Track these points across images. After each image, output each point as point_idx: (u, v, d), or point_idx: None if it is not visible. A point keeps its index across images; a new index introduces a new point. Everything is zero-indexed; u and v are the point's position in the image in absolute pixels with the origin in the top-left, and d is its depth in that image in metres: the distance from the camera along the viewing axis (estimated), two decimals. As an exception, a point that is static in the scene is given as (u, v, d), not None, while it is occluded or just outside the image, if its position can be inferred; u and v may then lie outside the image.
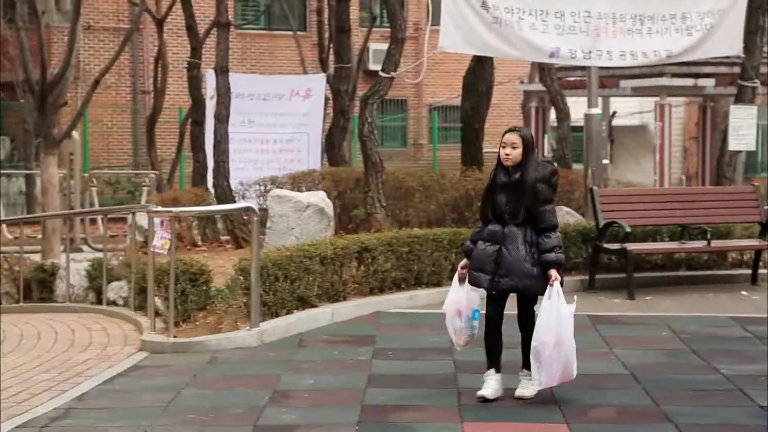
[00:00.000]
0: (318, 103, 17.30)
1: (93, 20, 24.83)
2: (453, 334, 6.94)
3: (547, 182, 6.64)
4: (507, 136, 6.70)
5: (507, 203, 6.62)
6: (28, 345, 9.06)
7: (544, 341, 6.50)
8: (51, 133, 15.98)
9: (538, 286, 6.59)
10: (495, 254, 6.63)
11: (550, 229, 6.62)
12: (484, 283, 6.69)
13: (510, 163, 6.64)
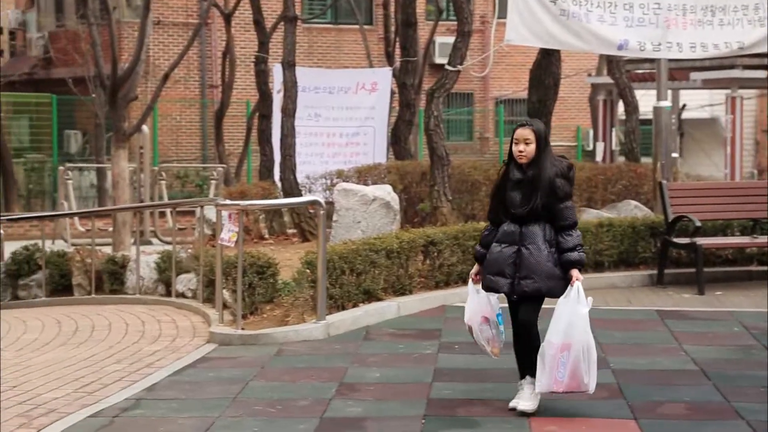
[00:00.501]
0: (384, 96, 17.31)
1: (162, 15, 25.12)
2: (486, 344, 6.54)
3: (565, 177, 6.25)
4: (519, 131, 6.28)
5: (523, 201, 6.22)
6: (100, 336, 9.21)
7: (551, 341, 6.13)
8: (121, 127, 16.22)
9: (561, 287, 6.22)
10: (514, 256, 6.23)
11: (570, 226, 6.25)
12: (504, 288, 6.28)
13: (524, 160, 6.24)
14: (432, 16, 24.17)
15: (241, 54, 22.96)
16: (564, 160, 6.36)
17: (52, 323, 9.99)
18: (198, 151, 26.38)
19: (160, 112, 25.02)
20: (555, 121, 16.06)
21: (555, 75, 14.83)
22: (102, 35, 17.80)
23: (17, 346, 8.86)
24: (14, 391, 7.01)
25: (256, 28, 15.86)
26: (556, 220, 6.22)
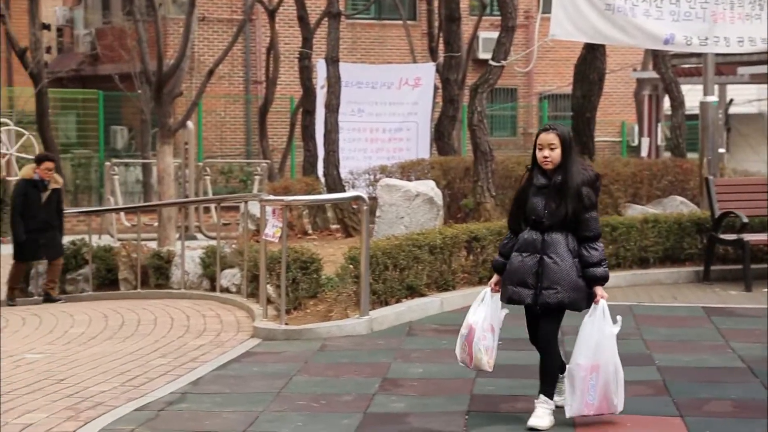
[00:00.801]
0: (427, 92, 17.29)
1: (207, 12, 25.28)
2: (483, 353, 6.17)
3: (591, 186, 5.95)
4: (543, 136, 5.98)
5: (546, 208, 5.93)
6: (145, 330, 9.29)
7: (579, 363, 5.87)
8: (167, 123, 16.35)
9: (583, 301, 5.94)
10: (536, 265, 5.93)
11: (594, 238, 5.95)
12: (526, 299, 5.95)
13: (550, 166, 5.94)
14: (476, 11, 24.11)
15: (285, 50, 23.05)
16: (591, 170, 6.09)
17: (98, 317, 10.10)
18: (242, 147, 26.52)
19: (205, 107, 25.18)
20: (599, 117, 15.95)
21: (600, 70, 14.74)
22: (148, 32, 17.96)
23: (65, 340, 8.97)
24: (62, 384, 7.10)
25: (300, 24, 15.92)
26: (579, 230, 5.93)
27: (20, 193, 12.14)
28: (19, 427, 6.01)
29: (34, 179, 12.10)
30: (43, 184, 12.11)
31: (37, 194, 12.08)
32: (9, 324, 9.89)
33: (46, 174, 12.11)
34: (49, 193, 12.13)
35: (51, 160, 12.39)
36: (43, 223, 12.02)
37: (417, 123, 17.26)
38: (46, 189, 12.12)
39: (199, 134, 24.16)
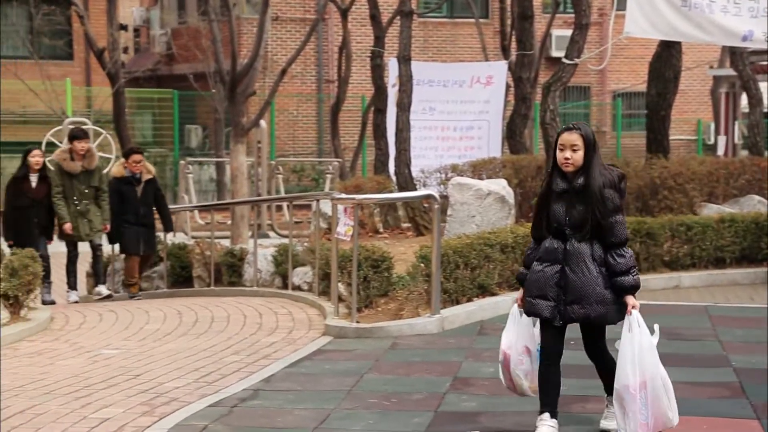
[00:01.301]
0: (499, 90, 17.22)
1: (281, 11, 25.47)
2: (523, 378, 5.85)
3: (615, 188, 5.51)
4: (565, 136, 5.52)
5: (567, 214, 5.50)
6: (219, 327, 9.39)
7: (626, 384, 5.43)
8: (240, 121, 16.52)
9: (613, 313, 5.51)
10: (557, 276, 5.51)
11: (621, 244, 5.49)
12: (546, 312, 5.54)
13: (571, 169, 5.49)
14: (549, 8, 23.94)
15: (357, 49, 23.12)
16: (615, 169, 5.63)
17: (173, 314, 10.23)
18: (314, 146, 26.68)
19: (278, 106, 25.38)
20: (675, 115, 15.73)
21: (675, 67, 14.53)
22: (222, 31, 18.15)
23: (140, 336, 9.10)
24: (137, 380, 7.21)
25: (372, 22, 15.96)
26: (605, 236, 5.47)
27: (113, 192, 12.11)
28: (97, 422, 6.12)
29: (125, 175, 12.09)
30: (136, 178, 12.08)
31: (132, 189, 12.07)
32: (86, 320, 10.08)
33: (135, 167, 12.06)
34: (144, 186, 12.11)
35: (138, 152, 12.30)
36: (142, 217, 12.05)
37: (488, 121, 17.19)
38: (140, 182, 12.10)
39: (271, 133, 24.37)
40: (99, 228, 11.99)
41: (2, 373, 7.55)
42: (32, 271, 9.58)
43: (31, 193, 11.83)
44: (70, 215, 11.81)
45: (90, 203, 11.92)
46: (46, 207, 11.85)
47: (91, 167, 11.97)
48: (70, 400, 6.63)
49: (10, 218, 11.88)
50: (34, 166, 11.89)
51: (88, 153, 11.99)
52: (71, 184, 11.84)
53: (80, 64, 27.43)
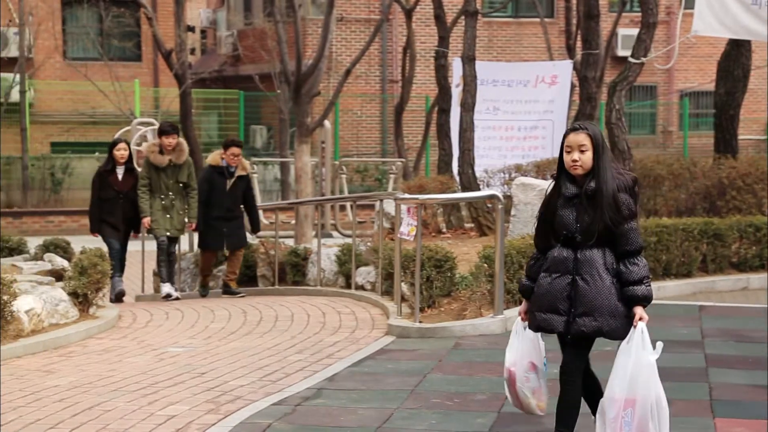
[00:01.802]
0: (564, 89, 17.10)
1: (345, 12, 25.56)
2: (531, 396, 5.51)
3: (629, 192, 5.13)
4: (571, 137, 5.15)
5: (578, 220, 5.11)
6: (283, 326, 9.46)
7: (612, 398, 5.07)
8: (304, 122, 16.62)
9: (625, 327, 5.12)
10: (568, 288, 5.12)
11: (635, 252, 5.11)
12: (559, 327, 5.16)
13: (580, 172, 5.12)
14: (615, 7, 23.71)
15: (421, 49, 23.13)
16: (627, 173, 5.25)
17: (237, 313, 10.33)
18: (377, 146, 26.73)
19: (342, 107, 25.49)
20: (743, 114, 15.51)
21: (745, 66, 14.32)
22: (287, 32, 18.27)
23: (206, 334, 9.20)
24: (203, 378, 7.29)
25: (436, 22, 15.95)
26: (618, 244, 5.10)
27: (205, 179, 11.84)
28: (163, 419, 6.20)
29: (221, 165, 11.76)
30: (229, 171, 11.76)
31: (223, 181, 11.75)
32: (153, 318, 10.21)
33: (232, 160, 11.71)
34: (235, 180, 11.79)
35: (238, 146, 11.89)
36: (227, 211, 11.74)
37: (553, 121, 17.09)
38: (232, 176, 11.77)
39: (335, 133, 24.47)
40: (181, 226, 11.79)
41: (72, 369, 7.69)
42: (101, 269, 9.73)
43: (117, 186, 11.75)
44: (154, 209, 11.61)
45: (176, 198, 11.69)
46: (132, 200, 11.72)
47: (180, 161, 11.67)
48: (137, 397, 6.73)
49: (95, 210, 11.87)
50: (119, 159, 11.79)
51: (177, 147, 11.72)
52: (158, 177, 11.63)
53: (148, 66, 27.81)
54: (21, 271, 10.36)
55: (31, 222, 22.64)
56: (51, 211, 23.23)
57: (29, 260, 11.78)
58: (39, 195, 24.13)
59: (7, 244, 12.58)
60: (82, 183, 24.31)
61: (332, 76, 23.02)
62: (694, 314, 9.50)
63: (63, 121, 26.47)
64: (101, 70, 23.95)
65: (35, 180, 24.08)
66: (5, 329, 8.34)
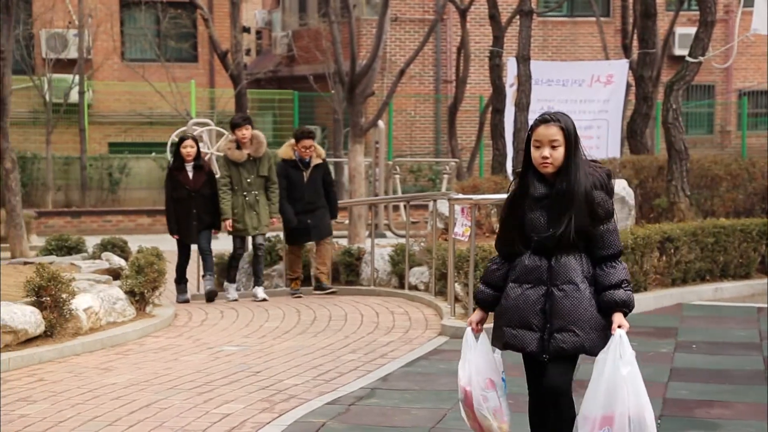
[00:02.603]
0: (619, 89, 16.96)
1: (400, 12, 25.58)
2: (491, 418, 4.79)
3: (605, 188, 4.56)
4: (541, 130, 4.52)
5: (550, 224, 4.50)
6: (336, 326, 9.49)
7: (585, 415, 4.48)
8: (358, 122, 16.65)
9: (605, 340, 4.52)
10: (542, 300, 4.52)
11: (614, 256, 4.55)
12: (532, 345, 4.54)
13: (550, 170, 4.52)
14: (672, 6, 23.47)
15: (475, 49, 23.08)
16: (600, 167, 4.65)
17: (292, 312, 10.38)
18: (431, 146, 26.71)
19: (395, 107, 25.50)
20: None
21: (804, 65, 14.10)
22: (342, 33, 18.33)
23: (260, 333, 9.26)
24: (257, 377, 7.34)
25: (491, 22, 15.91)
26: (594, 248, 4.53)
27: (280, 175, 11.41)
28: (219, 417, 6.25)
29: (294, 158, 11.41)
30: (304, 162, 11.41)
31: (299, 174, 11.39)
32: (208, 317, 10.30)
33: (305, 152, 11.37)
34: (312, 170, 11.44)
35: (310, 137, 11.48)
36: (308, 203, 11.39)
37: (607, 121, 16.95)
38: (308, 167, 11.42)
39: (389, 133, 24.49)
40: (267, 222, 11.43)
41: (129, 367, 7.79)
42: (157, 268, 9.84)
43: (189, 184, 11.29)
44: (238, 208, 11.23)
45: (259, 194, 11.30)
46: (206, 197, 11.29)
47: (259, 155, 11.24)
48: (192, 395, 6.79)
49: (170, 210, 11.44)
50: (186, 157, 11.33)
51: (254, 140, 11.33)
52: (238, 174, 11.21)
53: (204, 66, 28.06)
54: (79, 270, 10.50)
55: (89, 221, 22.95)
56: (108, 211, 23.54)
57: (87, 259, 11.92)
58: (97, 195, 24.46)
59: (66, 243, 12.75)
60: (138, 183, 24.63)
61: (386, 77, 23.05)
62: (752, 316, 9.39)
63: (120, 121, 26.80)
64: (158, 71, 24.21)
65: (93, 180, 24.41)
66: (64, 327, 8.47)
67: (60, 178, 24.38)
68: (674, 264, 10.04)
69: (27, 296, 8.39)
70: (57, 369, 7.66)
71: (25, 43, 24.60)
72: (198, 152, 11.45)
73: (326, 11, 18.51)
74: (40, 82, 24.08)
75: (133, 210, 23.63)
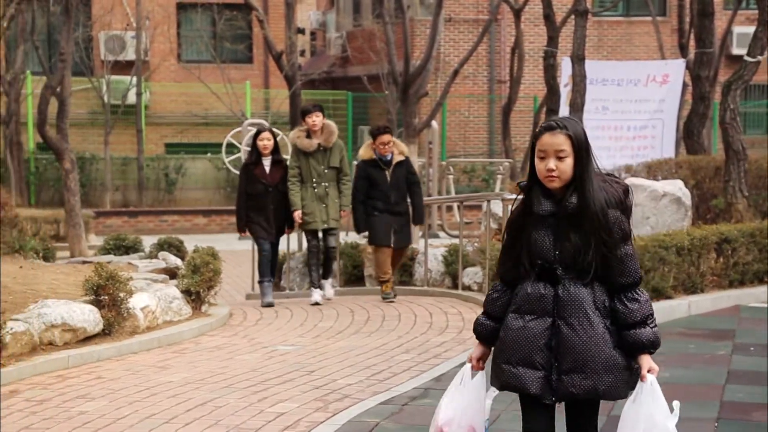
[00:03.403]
0: (675, 89, 16.82)
1: (453, 12, 25.55)
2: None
3: (621, 206, 3.95)
4: (546, 139, 3.92)
5: (557, 247, 3.91)
6: (390, 326, 9.52)
7: None
8: (412, 122, 16.68)
9: (626, 383, 3.91)
10: (547, 334, 3.90)
11: (634, 284, 3.91)
12: (534, 386, 3.93)
13: (557, 184, 3.93)
14: (730, 5, 23.20)
15: (529, 49, 22.98)
16: (617, 181, 4.04)
17: (345, 312, 10.42)
18: (485, 146, 26.64)
19: (449, 107, 25.48)
20: None
21: None
22: (396, 33, 18.36)
23: (314, 333, 9.31)
24: (311, 376, 7.38)
25: (545, 22, 15.85)
26: (610, 275, 3.90)
27: (360, 177, 10.75)
28: (273, 416, 6.30)
29: (374, 157, 10.71)
30: (385, 161, 10.68)
31: (381, 173, 10.69)
32: (263, 317, 10.37)
33: (383, 149, 10.64)
34: (394, 169, 10.71)
35: (386, 132, 10.76)
36: (394, 204, 10.71)
37: (663, 120, 16.82)
38: (390, 165, 10.69)
39: (443, 133, 24.48)
40: (337, 216, 10.84)
41: (185, 365, 7.87)
42: (213, 268, 9.93)
43: (266, 179, 10.68)
44: (307, 200, 10.67)
45: (330, 186, 10.72)
46: (283, 194, 10.68)
47: (329, 144, 10.66)
48: (247, 394, 6.85)
49: (241, 206, 10.80)
50: (263, 150, 10.74)
51: (324, 129, 10.74)
52: (308, 164, 10.63)
53: (259, 67, 28.25)
54: (136, 270, 10.63)
55: (146, 221, 23.22)
56: (165, 211, 23.80)
57: (144, 259, 12.06)
58: (153, 195, 24.74)
59: (124, 243, 12.92)
60: (194, 183, 24.87)
61: (440, 77, 23.03)
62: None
63: (177, 122, 27.09)
64: (214, 72, 24.43)
65: (150, 180, 24.70)
66: (122, 325, 8.58)
67: (118, 179, 24.70)
68: (731, 265, 9.93)
69: (86, 295, 8.52)
70: (115, 367, 7.78)
71: (85, 46, 24.95)
72: (276, 145, 10.87)
73: (380, 12, 18.55)
74: (98, 84, 24.41)
75: (189, 210, 23.86)
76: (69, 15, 15.90)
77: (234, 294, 12.84)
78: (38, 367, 7.52)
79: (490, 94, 26.46)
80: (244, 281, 13.86)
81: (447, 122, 25.57)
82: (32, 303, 8.24)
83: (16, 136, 22.40)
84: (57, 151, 16.04)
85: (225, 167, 22.76)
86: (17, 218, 11.83)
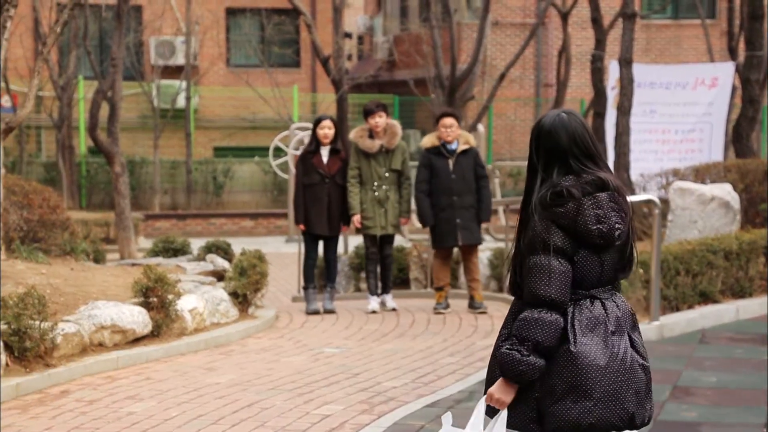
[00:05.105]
0: (724, 92, 16.67)
1: (500, 16, 25.52)
2: None
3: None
4: None
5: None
6: (435, 329, 9.54)
7: None
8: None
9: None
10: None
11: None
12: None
13: None
14: (780, 6, 22.92)
15: (576, 52, 22.90)
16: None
17: (390, 315, 10.44)
18: (532, 150, 26.57)
19: (495, 110, 25.45)
20: None
21: None
22: (442, 37, 18.39)
23: (359, 336, 9.35)
24: (357, 379, 7.42)
25: (593, 25, 15.78)
26: None
27: (422, 165, 10.10)
28: (319, 418, 6.35)
29: (437, 144, 10.02)
30: (448, 149, 9.98)
31: (443, 162, 9.98)
32: (308, 319, 10.43)
33: (446, 133, 9.92)
34: (457, 158, 9.99)
35: (450, 115, 10.10)
36: (457, 196, 9.97)
37: (711, 124, 16.68)
38: (453, 153, 9.98)
39: (489, 137, 24.45)
40: (396, 222, 10.30)
41: (231, 367, 7.96)
42: (260, 270, 10.00)
43: (323, 169, 10.20)
44: (367, 203, 10.17)
45: (390, 190, 10.17)
46: (340, 186, 10.22)
47: (392, 146, 10.09)
48: (293, 396, 6.91)
49: (299, 197, 10.35)
50: (323, 138, 10.21)
51: (388, 130, 10.16)
52: (369, 166, 10.11)
53: (307, 72, 28.41)
54: (185, 272, 10.74)
55: (194, 224, 23.44)
56: (213, 214, 24.01)
57: (192, 261, 12.17)
58: (201, 198, 24.97)
59: (172, 246, 13.04)
60: (242, 186, 25.06)
61: (486, 81, 23.02)
62: None
63: (225, 126, 27.31)
64: (261, 76, 24.61)
65: (198, 183, 24.93)
66: (170, 327, 8.69)
67: (166, 182, 24.96)
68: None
69: (135, 297, 8.64)
70: (163, 368, 7.88)
71: (135, 51, 25.26)
72: (336, 135, 10.31)
73: (427, 16, 18.60)
74: (148, 88, 24.69)
75: (236, 213, 24.06)
76: (120, 20, 16.11)
77: (280, 296, 12.93)
78: (88, 367, 7.64)
79: (536, 97, 26.38)
80: (291, 284, 13.95)
81: (493, 126, 25.53)
82: (83, 304, 8.37)
83: (68, 140, 22.73)
84: (108, 154, 16.25)
85: (272, 171, 22.90)
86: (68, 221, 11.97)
